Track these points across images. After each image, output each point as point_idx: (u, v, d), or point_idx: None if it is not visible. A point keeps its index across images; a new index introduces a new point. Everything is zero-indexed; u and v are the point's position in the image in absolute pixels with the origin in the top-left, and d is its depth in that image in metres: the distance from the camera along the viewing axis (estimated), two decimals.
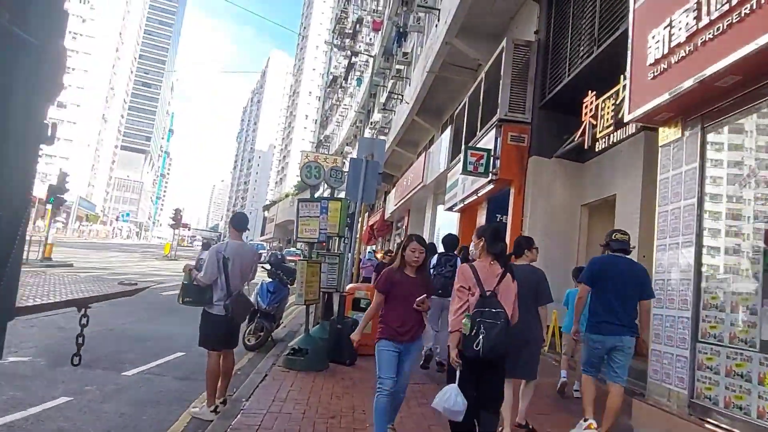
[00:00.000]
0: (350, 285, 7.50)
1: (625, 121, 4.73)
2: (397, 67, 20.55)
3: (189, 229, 71.15)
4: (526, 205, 8.81)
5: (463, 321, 3.03)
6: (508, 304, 3.08)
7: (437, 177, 14.51)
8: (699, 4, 3.78)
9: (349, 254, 10.60)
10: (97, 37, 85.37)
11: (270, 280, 7.68)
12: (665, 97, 4.17)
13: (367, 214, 32.52)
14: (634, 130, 6.32)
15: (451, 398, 2.97)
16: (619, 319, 4.02)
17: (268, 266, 7.93)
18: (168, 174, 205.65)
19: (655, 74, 4.31)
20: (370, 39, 30.90)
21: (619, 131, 6.48)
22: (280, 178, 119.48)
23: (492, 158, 9.05)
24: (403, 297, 3.51)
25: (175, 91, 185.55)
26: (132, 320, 8.65)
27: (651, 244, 7.31)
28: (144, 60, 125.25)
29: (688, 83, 3.90)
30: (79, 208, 69.62)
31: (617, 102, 6.49)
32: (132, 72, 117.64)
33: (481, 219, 11.51)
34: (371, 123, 26.35)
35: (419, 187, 16.40)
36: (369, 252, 14.11)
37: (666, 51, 4.16)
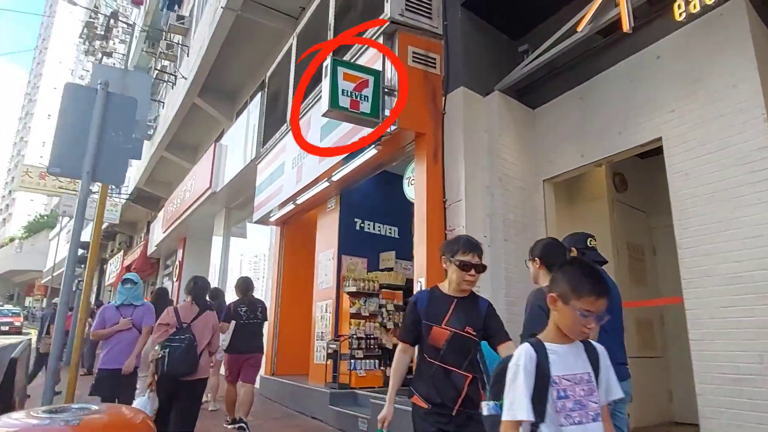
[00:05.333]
0: None
1: None
2: (168, 42, 14.66)
3: None
4: (450, 178, 4.52)
5: (157, 347, 3.68)
6: (203, 334, 3.80)
7: (237, 176, 9.29)
8: None
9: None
10: None
11: None
12: None
13: (122, 253, 24.12)
14: None
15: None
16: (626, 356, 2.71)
17: None
18: None
19: None
20: (127, 26, 23.73)
21: None
22: (3, 219, 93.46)
23: (383, 90, 4.57)
24: None
25: None
26: None
27: None
28: None
29: None
30: None
31: None
32: None
33: (328, 230, 6.80)
34: None
35: (205, 196, 10.74)
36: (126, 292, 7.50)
37: None
